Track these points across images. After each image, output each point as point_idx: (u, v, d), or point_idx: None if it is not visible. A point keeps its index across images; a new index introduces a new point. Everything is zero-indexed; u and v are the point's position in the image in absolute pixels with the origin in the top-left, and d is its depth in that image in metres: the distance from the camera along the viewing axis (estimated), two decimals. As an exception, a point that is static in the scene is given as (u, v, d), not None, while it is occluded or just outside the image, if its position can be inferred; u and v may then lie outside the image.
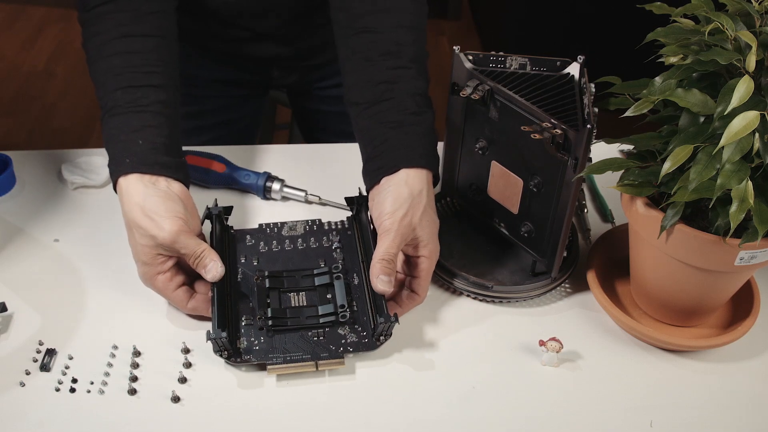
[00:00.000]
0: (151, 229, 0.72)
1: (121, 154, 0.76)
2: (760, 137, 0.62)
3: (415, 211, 0.75)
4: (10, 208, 0.91)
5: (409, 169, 0.77)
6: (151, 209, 0.72)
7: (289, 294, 0.79)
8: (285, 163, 0.99)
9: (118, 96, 0.77)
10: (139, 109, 0.77)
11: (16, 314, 0.78)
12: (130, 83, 0.78)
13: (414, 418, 0.71)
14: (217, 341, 0.70)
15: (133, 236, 0.74)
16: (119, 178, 0.75)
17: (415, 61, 0.82)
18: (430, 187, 0.78)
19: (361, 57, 0.83)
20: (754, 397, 0.74)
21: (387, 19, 0.83)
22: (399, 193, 0.75)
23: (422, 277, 0.76)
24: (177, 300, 0.76)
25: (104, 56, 0.79)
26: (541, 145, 0.74)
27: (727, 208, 0.63)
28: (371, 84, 0.81)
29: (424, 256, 0.75)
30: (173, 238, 0.72)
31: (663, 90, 0.67)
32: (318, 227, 0.86)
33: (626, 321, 0.77)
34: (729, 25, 0.63)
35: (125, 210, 0.74)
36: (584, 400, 0.73)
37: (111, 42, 0.79)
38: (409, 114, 0.79)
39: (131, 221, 0.73)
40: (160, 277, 0.74)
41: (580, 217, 0.94)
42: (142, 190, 0.74)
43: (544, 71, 0.78)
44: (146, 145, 0.76)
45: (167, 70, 0.81)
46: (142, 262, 0.74)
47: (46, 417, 0.69)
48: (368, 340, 0.75)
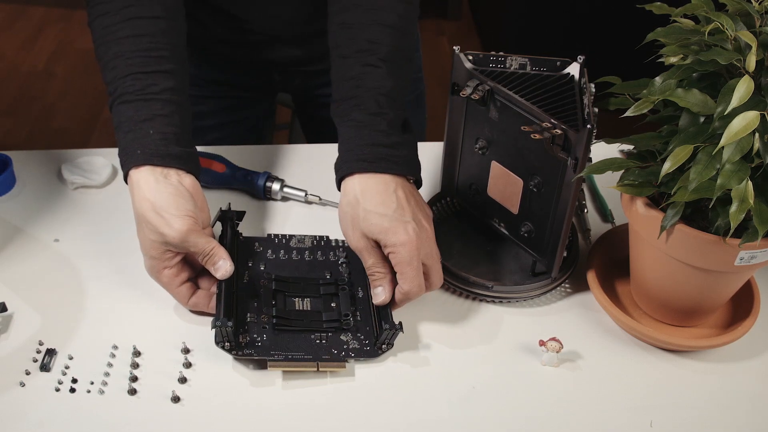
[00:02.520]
0: (161, 226, 0.72)
1: (132, 144, 0.75)
2: (760, 137, 0.62)
3: (356, 221, 0.75)
4: (10, 208, 0.91)
5: (347, 178, 0.77)
6: (161, 207, 0.72)
7: (294, 298, 0.79)
8: (285, 163, 0.99)
9: (128, 83, 0.77)
10: (149, 97, 0.76)
11: (16, 314, 0.78)
12: (141, 69, 0.77)
13: (414, 418, 0.71)
14: (222, 329, 0.70)
15: (143, 230, 0.74)
16: (131, 170, 0.75)
17: (387, 61, 0.80)
18: (365, 188, 0.76)
19: (338, 53, 0.82)
20: (754, 397, 0.74)
21: (364, 15, 0.82)
22: (341, 208, 0.77)
23: (399, 271, 0.74)
24: (180, 295, 0.76)
25: (112, 38, 0.78)
26: (541, 145, 0.74)
27: (727, 208, 0.63)
28: (343, 80, 0.81)
29: (390, 252, 0.74)
30: (183, 237, 0.72)
31: (663, 90, 0.67)
32: (326, 243, 0.86)
33: (626, 321, 0.77)
34: (729, 25, 0.63)
35: (136, 203, 0.74)
36: (584, 400, 0.73)
37: (119, 24, 0.78)
38: (368, 114, 0.78)
39: (141, 216, 0.73)
40: (167, 271, 0.74)
41: (580, 217, 0.94)
42: (153, 185, 0.73)
43: (544, 71, 0.78)
44: (157, 136, 0.75)
45: (176, 54, 0.80)
46: (150, 257, 0.74)
47: (46, 417, 0.69)
48: (370, 348, 0.75)
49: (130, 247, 0.85)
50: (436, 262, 0.76)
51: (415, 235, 0.73)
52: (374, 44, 0.80)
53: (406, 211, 0.75)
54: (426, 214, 0.78)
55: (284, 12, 1.01)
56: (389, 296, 0.75)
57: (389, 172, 0.76)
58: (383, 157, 0.77)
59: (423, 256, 0.74)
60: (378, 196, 0.75)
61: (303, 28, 1.04)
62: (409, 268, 0.73)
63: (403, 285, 0.74)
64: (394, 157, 0.77)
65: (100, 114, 2.53)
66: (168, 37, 0.79)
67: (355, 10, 0.82)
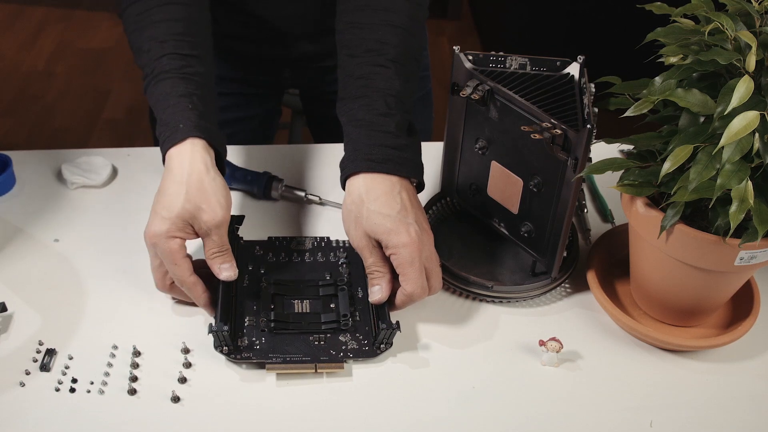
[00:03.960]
0: (203, 203, 0.72)
1: (188, 116, 0.75)
2: (760, 137, 0.62)
3: (360, 220, 0.75)
4: (10, 208, 0.91)
5: (352, 177, 0.77)
6: (213, 189, 0.73)
7: (293, 301, 0.79)
8: (285, 163, 0.99)
9: (164, 62, 0.78)
10: (185, 76, 0.78)
11: (16, 314, 0.78)
12: (176, 50, 0.78)
13: (414, 418, 0.71)
14: (218, 335, 0.70)
15: (177, 194, 0.73)
16: (188, 138, 0.75)
17: (396, 62, 0.80)
18: (371, 188, 0.76)
19: (347, 52, 0.83)
20: (754, 397, 0.74)
21: (374, 16, 0.82)
22: (345, 206, 0.77)
23: (401, 272, 0.74)
24: (184, 267, 0.74)
25: (147, 23, 0.80)
26: (541, 145, 0.74)
27: (727, 208, 0.63)
28: (351, 78, 0.81)
29: (392, 253, 0.74)
30: (219, 223, 0.73)
31: (663, 90, 0.67)
32: (326, 244, 0.86)
33: (626, 321, 0.77)
34: (729, 25, 0.63)
35: (186, 168, 0.73)
36: (584, 400, 0.73)
37: (154, 9, 0.80)
38: (377, 115, 0.78)
39: (186, 183, 0.73)
40: (178, 240, 0.73)
41: (580, 217, 0.94)
42: (210, 164, 0.75)
43: (544, 71, 0.78)
44: (212, 117, 0.78)
45: (207, 42, 0.83)
46: (170, 222, 0.72)
47: (46, 417, 0.69)
48: (368, 348, 0.75)
49: (130, 247, 0.85)
50: (436, 265, 0.76)
51: (417, 237, 0.73)
52: (383, 45, 0.81)
53: (409, 213, 0.75)
54: (425, 218, 0.78)
55: (298, 9, 1.01)
56: (386, 295, 0.76)
57: (395, 174, 0.76)
58: (390, 158, 0.77)
59: (424, 259, 0.74)
60: (383, 197, 0.75)
61: (315, 25, 1.04)
62: (411, 269, 0.73)
63: (406, 286, 0.74)
64: (401, 159, 0.77)
65: (100, 114, 2.53)
66: (199, 26, 0.82)
67: (365, 11, 0.83)
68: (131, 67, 0.82)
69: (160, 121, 0.77)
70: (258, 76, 1.14)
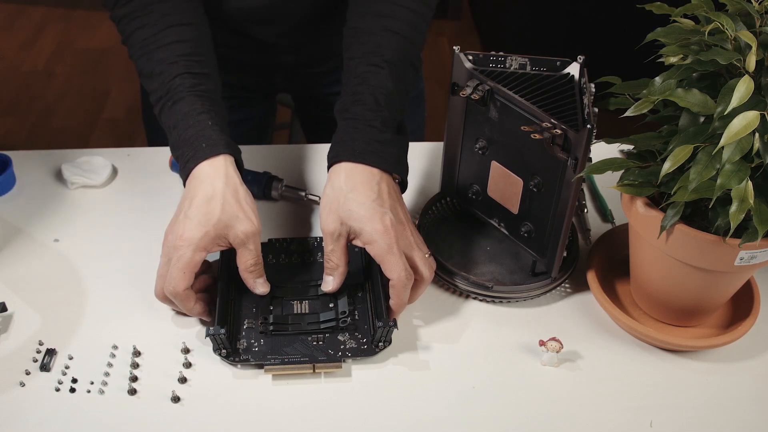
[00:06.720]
0: (239, 213, 0.74)
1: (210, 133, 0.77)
2: (760, 137, 0.62)
3: (335, 206, 0.76)
4: (10, 208, 0.91)
5: (335, 165, 0.78)
6: (246, 201, 0.76)
7: (292, 302, 0.79)
8: (285, 163, 0.99)
9: (177, 82, 0.79)
10: (199, 94, 0.80)
11: (16, 314, 0.78)
12: (187, 70, 0.80)
13: (414, 418, 0.71)
14: (216, 338, 0.71)
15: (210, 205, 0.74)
16: (220, 155, 0.76)
17: (391, 64, 0.82)
18: (350, 176, 0.77)
19: (348, 56, 0.85)
20: (754, 397, 0.74)
21: (376, 22, 0.84)
22: (325, 193, 0.78)
23: (381, 263, 0.74)
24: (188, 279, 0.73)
25: (155, 47, 0.81)
26: (541, 145, 0.74)
27: (727, 208, 0.63)
28: (349, 78, 0.83)
29: (367, 243, 0.75)
30: (253, 234, 0.75)
31: (663, 90, 0.67)
32: None
33: (626, 321, 0.77)
34: (729, 25, 0.63)
35: (222, 179, 0.75)
36: (584, 400, 0.73)
37: (161, 32, 0.81)
38: (365, 110, 0.80)
39: (219, 194, 0.74)
40: (203, 254, 0.74)
41: (580, 217, 0.94)
42: (239, 179, 0.77)
43: (544, 71, 0.78)
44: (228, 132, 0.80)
45: (212, 59, 0.84)
46: (205, 227, 0.73)
47: (46, 417, 0.69)
48: (367, 347, 0.75)
49: (130, 247, 0.86)
50: (420, 253, 0.77)
51: (390, 225, 0.74)
52: (381, 48, 0.82)
53: (385, 203, 0.76)
54: (405, 212, 0.79)
55: (281, 27, 1.02)
56: (336, 287, 0.78)
57: (376, 166, 0.78)
58: (373, 150, 0.78)
59: (403, 246, 0.75)
60: (360, 186, 0.76)
61: (306, 36, 1.05)
62: (390, 256, 0.74)
63: (390, 275, 0.74)
64: (384, 153, 0.78)
65: (100, 114, 2.53)
66: (205, 45, 0.84)
67: (367, 17, 0.85)
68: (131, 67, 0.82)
69: (182, 139, 0.78)
70: (250, 81, 1.15)
